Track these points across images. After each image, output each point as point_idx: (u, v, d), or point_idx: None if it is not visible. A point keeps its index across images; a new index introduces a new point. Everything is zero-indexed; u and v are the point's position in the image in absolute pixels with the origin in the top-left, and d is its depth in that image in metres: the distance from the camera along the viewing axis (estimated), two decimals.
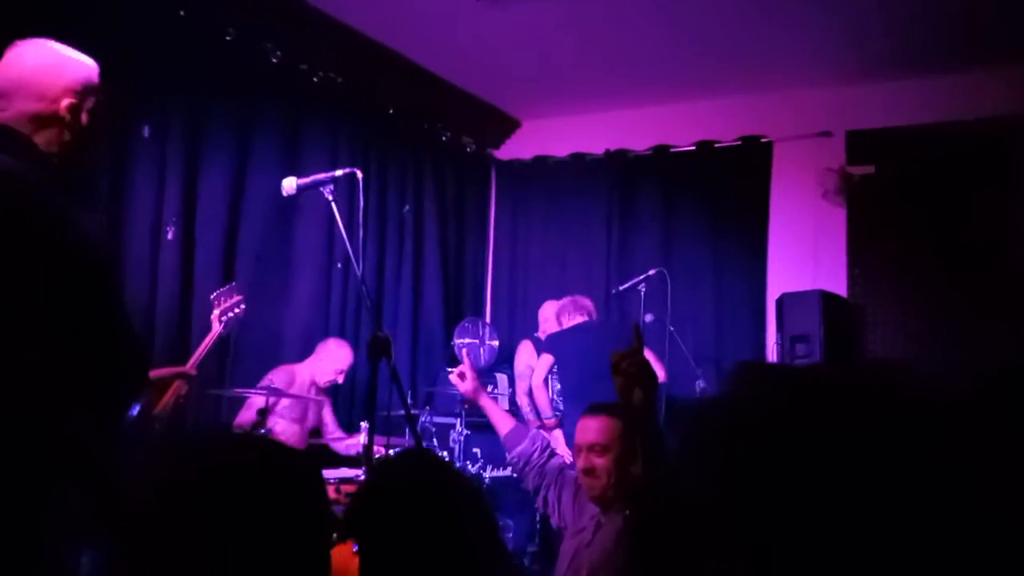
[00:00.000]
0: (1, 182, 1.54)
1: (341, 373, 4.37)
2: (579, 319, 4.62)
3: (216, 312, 3.10)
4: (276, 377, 4.16)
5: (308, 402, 4.30)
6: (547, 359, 4.70)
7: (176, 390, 2.35)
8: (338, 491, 3.50)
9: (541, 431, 3.66)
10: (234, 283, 3.33)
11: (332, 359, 4.35)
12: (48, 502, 1.49)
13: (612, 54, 4.90)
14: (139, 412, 1.77)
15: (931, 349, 4.57)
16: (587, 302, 4.71)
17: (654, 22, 4.42)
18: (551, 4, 4.24)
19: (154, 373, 2.14)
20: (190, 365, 2.63)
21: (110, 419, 1.68)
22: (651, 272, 4.37)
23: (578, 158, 5.98)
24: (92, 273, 1.64)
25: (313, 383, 4.35)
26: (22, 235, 1.52)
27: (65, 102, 1.70)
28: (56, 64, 1.73)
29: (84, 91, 1.74)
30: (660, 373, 4.46)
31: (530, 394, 5.04)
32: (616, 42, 4.72)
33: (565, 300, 4.75)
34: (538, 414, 4.84)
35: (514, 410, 5.15)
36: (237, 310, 3.17)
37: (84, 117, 1.73)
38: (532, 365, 5.10)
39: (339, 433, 4.49)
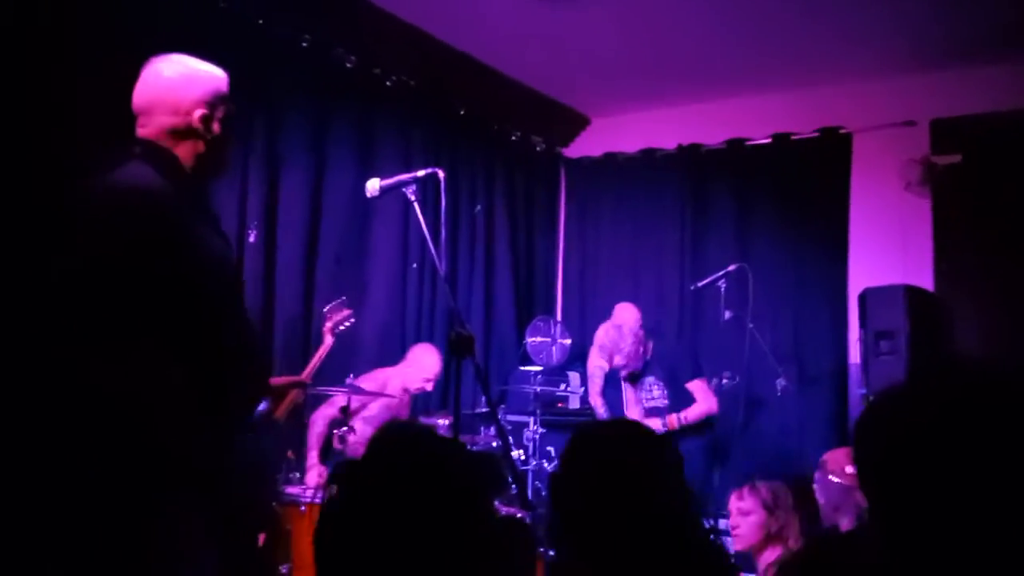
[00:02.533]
0: (147, 199, 1.60)
1: (429, 381, 4.23)
2: None
3: (328, 325, 3.27)
4: (365, 382, 4.07)
5: (397, 407, 4.22)
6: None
7: (293, 398, 2.39)
8: None
9: None
10: (344, 298, 3.48)
11: (419, 367, 4.22)
12: (168, 507, 1.54)
13: (682, 49, 4.82)
14: (259, 418, 1.84)
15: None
16: None
17: (724, 15, 4.34)
18: (618, 1, 4.19)
19: (274, 382, 2.19)
20: (306, 374, 2.71)
21: (232, 425, 1.73)
22: (731, 268, 4.27)
23: (649, 154, 5.90)
24: (219, 287, 1.69)
25: (405, 389, 4.24)
26: (158, 250, 1.57)
27: (197, 113, 1.75)
28: (188, 77, 1.78)
29: (214, 101, 1.78)
30: (711, 404, 4.29)
31: (603, 394, 4.99)
32: (686, 36, 4.64)
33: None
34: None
35: (587, 409, 5.12)
36: (348, 323, 3.35)
37: (216, 127, 1.77)
38: (603, 366, 5.03)
39: None
